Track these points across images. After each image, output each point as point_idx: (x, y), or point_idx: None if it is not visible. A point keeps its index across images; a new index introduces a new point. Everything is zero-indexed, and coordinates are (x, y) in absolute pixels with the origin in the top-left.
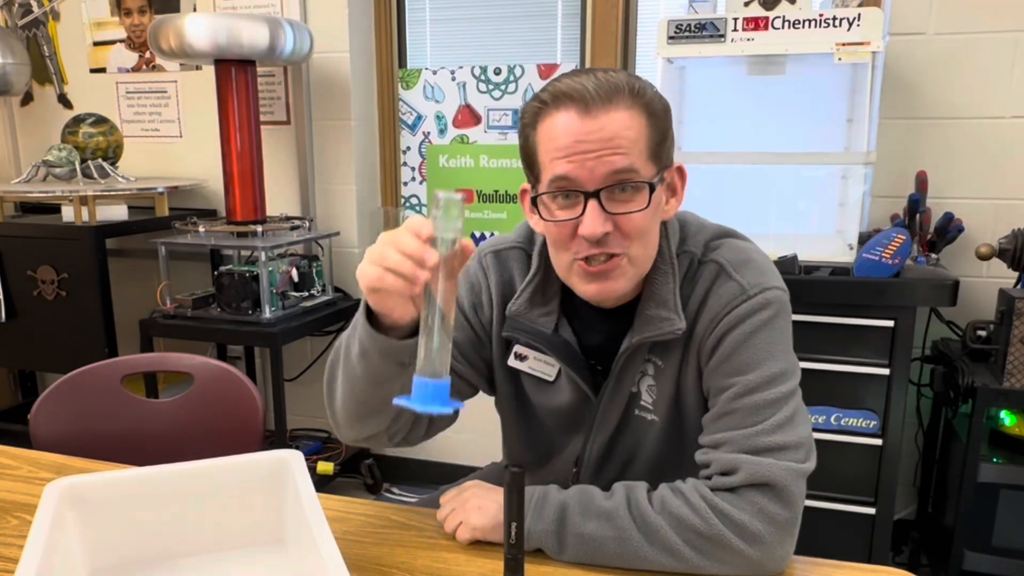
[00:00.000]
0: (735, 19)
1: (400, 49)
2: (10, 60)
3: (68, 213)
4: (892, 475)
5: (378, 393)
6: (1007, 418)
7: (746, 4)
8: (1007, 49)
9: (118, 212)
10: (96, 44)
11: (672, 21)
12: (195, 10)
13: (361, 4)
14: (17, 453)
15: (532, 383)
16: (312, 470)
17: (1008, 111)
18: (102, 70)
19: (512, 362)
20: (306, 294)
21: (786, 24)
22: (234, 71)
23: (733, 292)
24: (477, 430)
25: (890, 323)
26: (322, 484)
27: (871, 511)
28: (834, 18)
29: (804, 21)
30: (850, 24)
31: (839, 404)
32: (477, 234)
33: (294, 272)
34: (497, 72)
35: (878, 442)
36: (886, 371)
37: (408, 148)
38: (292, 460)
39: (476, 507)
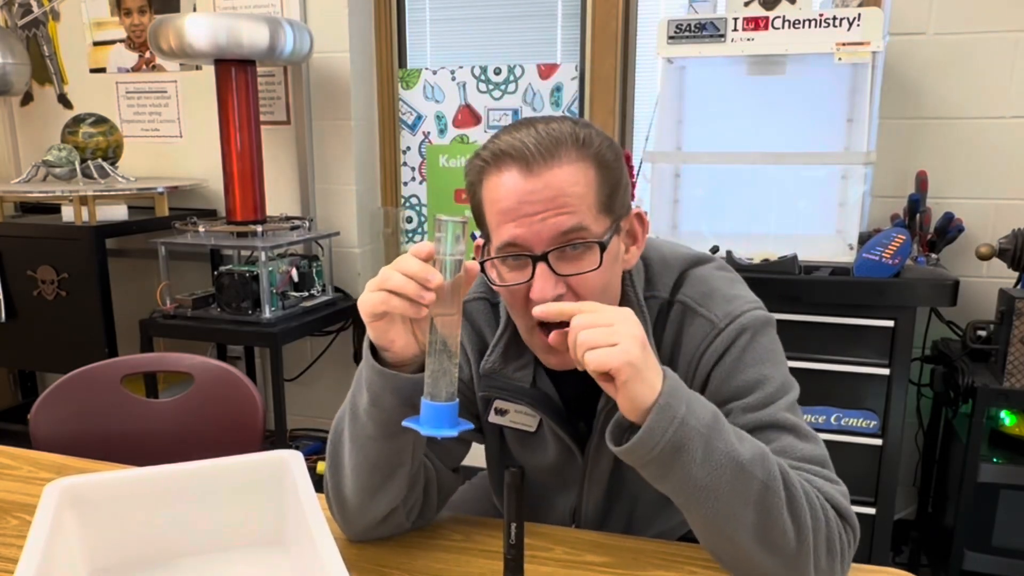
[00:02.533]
0: (735, 19)
1: (400, 49)
2: (10, 60)
3: (68, 213)
4: (892, 475)
5: (393, 448)
6: (1007, 418)
7: (746, 4)
8: (1007, 49)
9: (118, 212)
10: (96, 44)
11: (672, 21)
12: (195, 10)
13: (361, 4)
14: (17, 453)
15: (515, 438)
16: (312, 470)
17: (1008, 111)
18: (102, 70)
19: (493, 418)
20: (306, 294)
21: (786, 24)
22: (234, 71)
23: (704, 329)
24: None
25: (890, 323)
26: (321, 484)
27: (871, 511)
28: (834, 18)
29: (804, 21)
30: (850, 24)
31: (839, 404)
32: (477, 233)
33: (294, 272)
34: (497, 72)
35: (878, 442)
36: (886, 371)
37: (408, 148)
38: (292, 460)
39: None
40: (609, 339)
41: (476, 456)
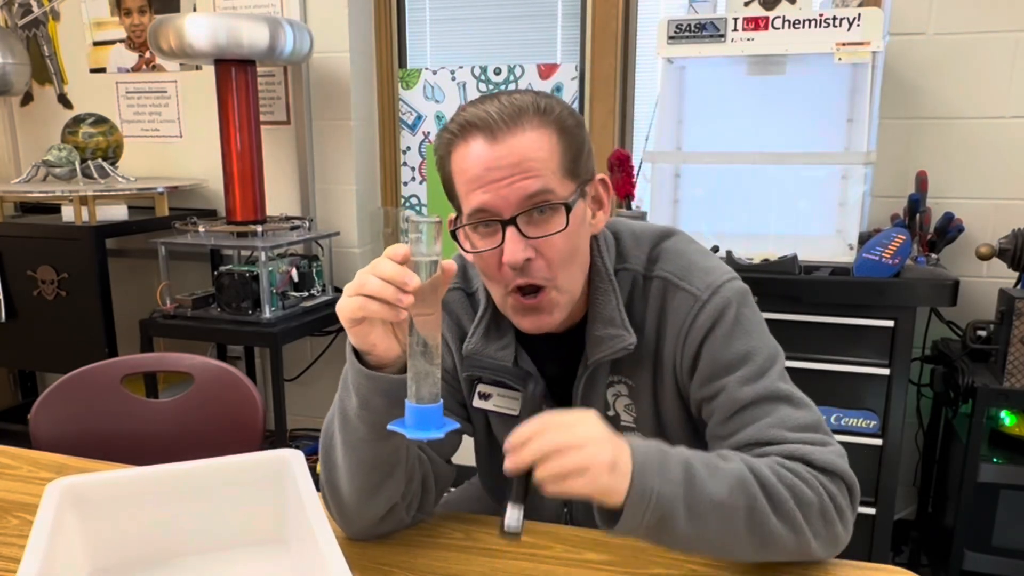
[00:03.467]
0: (735, 19)
1: (400, 49)
2: (10, 60)
3: (68, 213)
4: (892, 475)
5: (387, 447)
6: (1007, 418)
7: (746, 4)
8: (1007, 49)
9: (118, 212)
10: (96, 44)
11: (672, 21)
12: (195, 10)
13: (361, 4)
14: (17, 453)
15: (500, 423)
16: (312, 470)
17: (1008, 111)
18: (102, 70)
19: (477, 403)
20: (306, 294)
21: (786, 24)
22: (234, 71)
23: (688, 302)
24: None
25: (890, 323)
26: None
27: (871, 511)
28: (834, 18)
29: (804, 21)
30: (850, 24)
31: (839, 404)
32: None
33: (294, 272)
34: (497, 72)
35: (878, 442)
36: (886, 371)
37: (408, 148)
38: (293, 459)
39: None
40: (577, 464)
41: (474, 456)
